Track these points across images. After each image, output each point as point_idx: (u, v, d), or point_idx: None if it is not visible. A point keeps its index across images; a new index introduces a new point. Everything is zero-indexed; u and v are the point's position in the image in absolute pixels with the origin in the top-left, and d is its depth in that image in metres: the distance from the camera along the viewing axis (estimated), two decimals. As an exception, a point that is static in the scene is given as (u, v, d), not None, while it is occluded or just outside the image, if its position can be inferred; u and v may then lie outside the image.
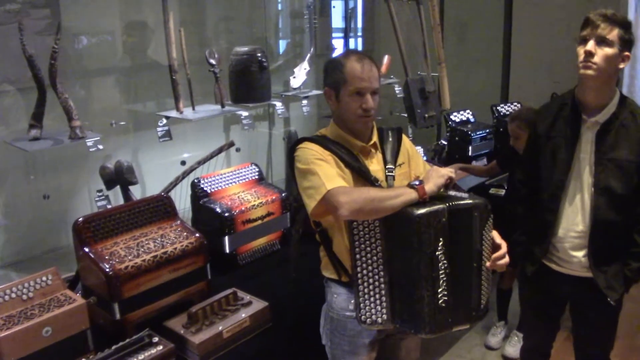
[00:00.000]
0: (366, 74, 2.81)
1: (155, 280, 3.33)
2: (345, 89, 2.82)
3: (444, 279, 2.59)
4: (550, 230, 3.35)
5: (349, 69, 2.81)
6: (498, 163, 5.15)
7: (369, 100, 2.82)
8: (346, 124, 2.92)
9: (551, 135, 3.29)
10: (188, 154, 5.01)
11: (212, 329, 3.24)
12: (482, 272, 2.74)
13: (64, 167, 4.47)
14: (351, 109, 2.84)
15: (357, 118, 2.85)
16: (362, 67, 2.81)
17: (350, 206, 2.58)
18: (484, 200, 2.72)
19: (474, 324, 2.84)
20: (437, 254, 2.57)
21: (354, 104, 2.82)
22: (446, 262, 2.59)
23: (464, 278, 2.69)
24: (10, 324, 2.78)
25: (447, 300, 2.61)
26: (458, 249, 2.65)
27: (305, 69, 5.40)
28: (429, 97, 5.86)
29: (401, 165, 3.05)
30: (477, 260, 2.71)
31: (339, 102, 2.88)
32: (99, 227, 3.33)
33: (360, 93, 2.81)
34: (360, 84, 2.80)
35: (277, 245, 4.46)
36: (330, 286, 3.04)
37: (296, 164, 2.87)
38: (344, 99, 2.84)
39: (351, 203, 2.58)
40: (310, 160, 2.78)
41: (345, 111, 2.86)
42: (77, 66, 4.51)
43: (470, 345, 5.19)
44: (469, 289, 2.71)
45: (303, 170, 2.80)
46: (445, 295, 2.60)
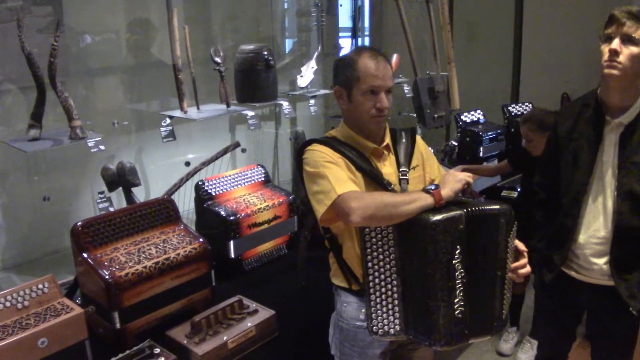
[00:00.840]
0: (380, 71, 2.68)
1: (157, 288, 3.23)
2: (358, 87, 2.69)
3: (460, 288, 2.48)
4: (570, 236, 3.23)
5: (362, 66, 2.68)
6: (510, 163, 5.04)
7: (383, 99, 2.69)
8: (358, 124, 2.79)
9: (572, 137, 3.17)
10: (192, 155, 4.95)
11: (217, 339, 3.14)
12: (505, 281, 2.62)
13: (65, 168, 4.42)
14: (364, 108, 2.70)
15: (371, 118, 2.72)
16: (376, 64, 2.68)
17: (362, 212, 2.45)
18: (508, 206, 2.61)
19: (495, 334, 2.72)
20: (454, 262, 2.46)
21: (367, 104, 2.69)
22: (463, 271, 2.47)
23: (487, 287, 2.58)
24: (4, 335, 2.68)
25: (464, 311, 2.49)
26: (481, 257, 2.53)
27: (313, 68, 5.31)
28: (438, 97, 5.78)
29: (415, 168, 2.93)
30: (502, 269, 2.60)
31: (351, 102, 2.74)
32: (98, 231, 3.23)
33: (374, 92, 2.68)
34: (375, 82, 2.67)
35: (284, 250, 4.38)
36: (339, 294, 2.93)
37: (305, 167, 2.74)
38: (357, 98, 2.71)
39: (363, 209, 2.45)
40: (320, 163, 2.66)
41: (358, 111, 2.73)
42: (79, 65, 4.46)
43: (481, 352, 5.12)
44: (492, 299, 2.60)
45: (312, 173, 2.67)
46: (462, 306, 2.49)
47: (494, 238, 2.54)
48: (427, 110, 5.69)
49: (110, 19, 4.66)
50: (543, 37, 6.86)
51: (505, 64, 7.27)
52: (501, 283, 2.60)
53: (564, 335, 3.63)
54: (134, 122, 4.88)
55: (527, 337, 4.94)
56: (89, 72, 4.55)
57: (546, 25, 6.81)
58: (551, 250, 3.34)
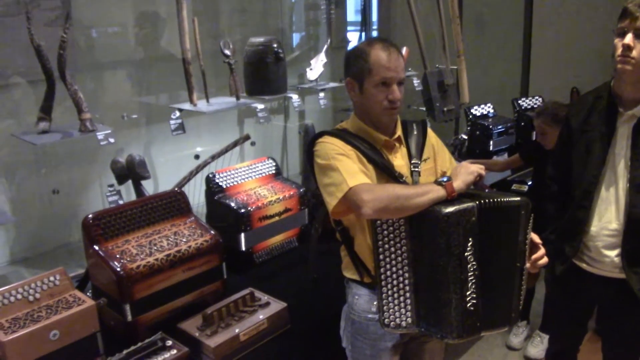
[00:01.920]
0: (393, 62, 2.66)
1: (168, 280, 3.22)
2: (370, 79, 2.67)
3: (473, 281, 2.46)
4: (581, 228, 3.22)
5: (374, 57, 2.65)
6: (521, 156, 5.02)
7: (395, 90, 2.67)
8: (370, 116, 2.77)
9: (585, 129, 3.16)
10: (201, 148, 4.93)
11: (228, 332, 3.12)
12: (523, 273, 2.62)
13: (74, 162, 4.40)
14: (377, 100, 2.68)
15: (383, 110, 2.70)
16: (388, 56, 2.66)
17: (374, 205, 2.44)
18: (527, 198, 2.59)
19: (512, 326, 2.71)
20: (467, 255, 2.44)
21: (379, 95, 2.67)
22: (475, 263, 2.45)
23: (504, 280, 2.57)
24: (16, 327, 2.67)
25: (476, 303, 2.47)
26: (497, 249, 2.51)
27: (322, 61, 5.29)
28: (448, 91, 5.76)
29: (426, 160, 2.92)
30: (521, 260, 2.59)
31: (363, 94, 2.72)
32: (109, 224, 3.22)
33: (387, 83, 2.66)
34: (387, 74, 2.64)
35: (295, 243, 4.35)
36: (351, 287, 2.92)
37: (315, 159, 2.73)
38: (369, 90, 2.69)
39: (375, 201, 2.44)
40: (331, 155, 2.64)
41: (370, 103, 2.71)
42: (88, 58, 4.44)
43: (491, 346, 5.11)
44: (511, 290, 2.59)
45: (323, 166, 2.66)
46: (474, 298, 2.47)
47: (514, 230, 2.53)
48: (436, 103, 5.67)
49: (119, 12, 4.65)
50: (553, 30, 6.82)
51: (515, 58, 7.24)
52: (520, 275, 2.59)
53: (575, 328, 3.62)
54: (143, 116, 4.86)
55: (537, 331, 4.93)
56: (98, 66, 4.54)
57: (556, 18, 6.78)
58: (563, 242, 3.33)
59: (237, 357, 3.11)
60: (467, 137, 6.07)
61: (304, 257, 3.72)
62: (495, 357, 4.96)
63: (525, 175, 5.40)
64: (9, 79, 4.00)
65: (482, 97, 6.45)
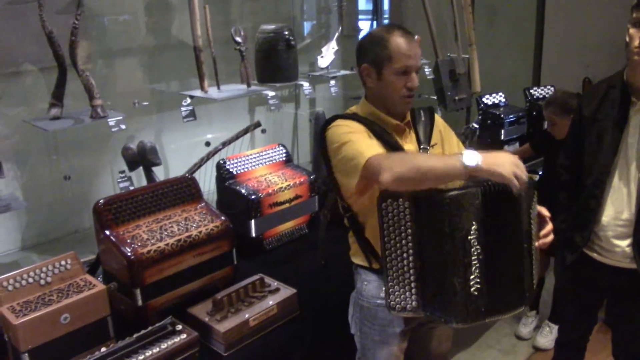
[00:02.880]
0: (413, 50, 2.65)
1: (178, 265, 3.22)
2: (389, 66, 2.65)
3: (477, 265, 2.44)
4: (592, 218, 3.21)
5: (395, 45, 2.64)
6: (532, 146, 5.00)
7: (414, 79, 2.68)
8: (385, 103, 2.76)
9: (597, 118, 3.14)
10: (212, 135, 4.93)
11: (238, 317, 3.12)
12: (532, 251, 2.60)
13: (86, 148, 4.42)
14: (396, 88, 2.68)
15: (401, 98, 2.70)
16: (408, 44, 2.65)
17: (392, 172, 2.37)
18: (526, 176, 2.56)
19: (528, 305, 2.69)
20: (470, 238, 2.42)
21: (399, 83, 2.66)
22: (480, 247, 2.43)
23: (513, 262, 2.55)
24: (27, 310, 2.68)
25: (480, 288, 2.45)
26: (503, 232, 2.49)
27: (334, 49, 5.29)
28: (459, 79, 5.73)
29: (434, 146, 2.91)
30: (528, 241, 2.57)
31: (381, 81, 2.71)
32: (120, 209, 3.22)
33: (407, 72, 2.65)
34: (408, 62, 2.64)
35: (305, 230, 4.35)
36: (360, 273, 2.93)
37: (328, 143, 2.71)
38: (388, 78, 2.67)
39: (394, 167, 2.38)
40: (344, 134, 2.63)
41: (388, 90, 2.70)
42: (99, 46, 4.44)
43: (500, 335, 5.11)
44: (520, 272, 2.57)
45: (337, 146, 2.64)
46: (478, 283, 2.45)
47: (516, 212, 2.50)
48: (447, 92, 5.65)
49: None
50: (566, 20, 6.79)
51: (527, 47, 7.21)
52: (529, 255, 2.57)
53: (584, 318, 3.61)
54: (154, 103, 4.87)
55: (546, 322, 4.92)
56: (109, 53, 4.54)
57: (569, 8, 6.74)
58: (573, 231, 3.32)
59: (247, 342, 3.11)
60: (478, 126, 6.05)
61: (314, 244, 3.71)
62: (504, 347, 4.95)
63: (537, 165, 5.38)
64: (20, 66, 4.01)
65: (493, 86, 6.42)
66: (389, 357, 2.93)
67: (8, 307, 2.71)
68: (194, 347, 2.87)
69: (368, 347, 2.97)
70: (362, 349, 3.03)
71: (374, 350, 2.94)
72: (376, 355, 2.95)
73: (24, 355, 2.63)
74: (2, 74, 3.96)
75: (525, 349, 4.93)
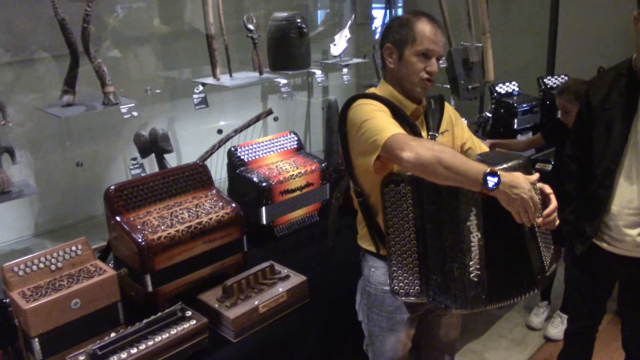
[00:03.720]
0: (437, 36, 2.69)
1: (189, 252, 3.22)
2: (412, 48, 2.68)
3: (476, 251, 2.44)
4: (602, 207, 3.20)
5: (420, 28, 2.67)
6: (543, 135, 4.98)
7: (434, 64, 2.69)
8: (403, 85, 2.77)
9: (606, 106, 3.13)
10: (224, 122, 4.94)
11: (248, 304, 3.12)
12: (536, 234, 2.59)
13: (98, 135, 4.43)
14: (416, 70, 2.69)
15: (419, 81, 2.71)
16: (432, 29, 2.68)
17: (418, 153, 2.34)
18: (521, 159, 2.56)
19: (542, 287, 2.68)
20: (469, 224, 2.42)
21: (419, 65, 2.68)
22: (479, 234, 2.43)
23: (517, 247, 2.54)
24: (38, 295, 2.70)
25: (481, 275, 2.45)
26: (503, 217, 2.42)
27: (346, 37, 5.29)
28: (473, 68, 5.72)
29: (444, 133, 2.93)
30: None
31: (401, 62, 2.73)
32: (131, 195, 3.23)
33: (428, 55, 2.67)
34: (430, 46, 2.66)
35: (316, 218, 4.35)
36: (367, 259, 2.94)
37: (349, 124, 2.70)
38: (409, 59, 2.69)
39: (421, 149, 2.34)
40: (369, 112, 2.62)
41: (408, 72, 2.71)
42: (112, 33, 4.44)
43: (512, 325, 5.11)
44: (526, 255, 2.56)
45: (360, 124, 2.61)
46: (478, 269, 2.45)
47: None
48: (461, 81, 5.64)
49: (143, -13, 4.66)
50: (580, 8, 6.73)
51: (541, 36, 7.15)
52: (533, 237, 2.56)
53: (594, 307, 3.60)
54: (167, 90, 4.87)
55: (557, 312, 4.92)
56: (122, 40, 4.55)
57: (583, -3, 6.72)
58: (583, 221, 3.31)
59: (256, 329, 3.12)
60: (491, 115, 6.03)
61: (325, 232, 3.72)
62: (515, 337, 4.96)
63: (550, 155, 5.35)
64: (34, 53, 4.02)
65: (507, 75, 6.40)
66: (396, 343, 2.94)
67: (19, 292, 2.72)
68: (204, 333, 2.89)
69: (376, 334, 2.98)
70: (369, 336, 3.04)
71: (382, 337, 2.96)
72: (384, 342, 2.96)
73: (34, 340, 2.64)
74: (15, 61, 3.97)
75: (537, 339, 4.93)
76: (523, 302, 5.24)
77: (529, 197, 2.31)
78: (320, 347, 3.38)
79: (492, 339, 4.93)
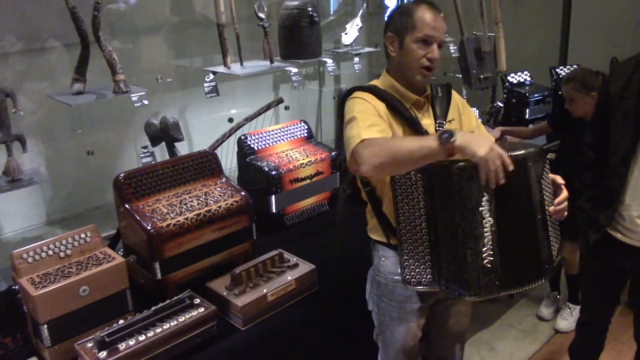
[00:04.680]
0: (437, 23, 2.68)
1: (198, 240, 3.23)
2: (412, 35, 2.67)
3: (489, 237, 2.42)
4: (616, 197, 3.18)
5: (420, 15, 2.67)
6: (550, 123, 4.96)
7: (435, 50, 2.68)
8: (404, 73, 2.76)
9: (624, 96, 3.10)
10: (235, 111, 4.94)
11: (256, 292, 3.13)
12: (547, 223, 2.58)
13: (109, 124, 4.43)
14: (416, 56, 2.68)
15: (420, 69, 2.70)
16: (433, 16, 2.67)
17: (371, 161, 2.37)
18: (536, 147, 2.55)
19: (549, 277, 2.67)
20: (481, 210, 2.40)
21: (419, 52, 2.68)
22: (492, 219, 2.41)
23: (527, 235, 2.53)
24: (47, 282, 2.71)
25: (494, 261, 2.43)
26: (514, 204, 2.46)
27: (358, 26, 5.27)
28: (485, 58, 5.68)
29: (451, 122, 2.92)
30: (541, 212, 2.54)
31: (402, 49, 2.72)
32: (140, 183, 3.24)
33: (428, 41, 2.67)
34: (430, 32, 2.66)
35: (326, 206, 4.35)
36: (377, 249, 2.94)
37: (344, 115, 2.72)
38: (409, 46, 2.69)
39: (372, 157, 2.37)
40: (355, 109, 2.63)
41: (409, 59, 2.71)
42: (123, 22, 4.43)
43: (522, 315, 5.11)
44: (536, 243, 2.55)
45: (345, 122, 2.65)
46: (491, 255, 2.43)
47: (524, 183, 2.48)
48: (473, 71, 5.61)
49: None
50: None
51: (554, 25, 7.12)
52: (543, 226, 2.55)
53: (607, 299, 3.58)
54: (177, 79, 4.87)
55: (567, 303, 4.91)
56: (132, 29, 4.54)
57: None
58: (597, 211, 3.29)
59: (264, 317, 3.12)
60: (503, 105, 6.01)
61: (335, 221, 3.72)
62: (525, 327, 4.96)
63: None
64: (45, 42, 4.02)
65: (519, 65, 6.37)
66: (406, 333, 2.94)
67: (27, 279, 2.74)
68: (212, 321, 2.90)
69: (386, 323, 2.98)
70: (379, 326, 3.04)
71: (392, 326, 2.96)
72: (394, 331, 2.96)
73: (43, 327, 2.65)
74: (27, 50, 3.97)
75: (547, 329, 4.92)
76: (533, 292, 5.23)
77: (494, 147, 2.27)
78: (328, 336, 3.38)
79: (502, 329, 4.93)
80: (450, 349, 3.25)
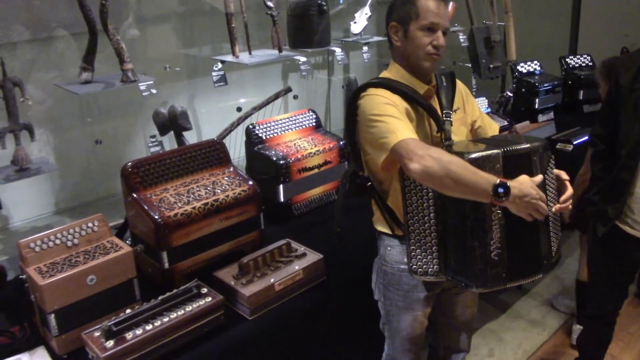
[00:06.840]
0: (440, 10, 2.66)
1: (205, 229, 3.23)
2: (416, 23, 2.66)
3: (497, 229, 2.42)
4: (626, 189, 3.16)
5: (423, 3, 2.65)
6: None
7: (440, 37, 2.67)
8: (411, 62, 2.75)
9: (635, 87, 3.08)
10: (244, 100, 4.93)
11: (264, 281, 3.12)
12: (549, 219, 2.58)
13: (117, 113, 4.43)
14: (421, 44, 2.67)
15: (426, 55, 2.69)
16: (436, 2, 2.66)
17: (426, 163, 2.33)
18: (541, 141, 2.55)
19: (547, 273, 2.67)
20: None
21: (424, 39, 2.66)
22: (500, 212, 2.41)
23: (530, 228, 2.50)
24: (54, 271, 2.71)
25: (501, 253, 2.44)
26: None
27: (367, 14, 5.25)
28: (495, 47, 5.67)
29: (457, 111, 2.91)
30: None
31: (407, 38, 2.71)
32: (148, 172, 3.24)
33: (432, 29, 2.65)
34: (435, 19, 2.64)
35: (334, 196, 4.32)
36: (383, 239, 2.93)
37: (360, 115, 2.71)
38: (414, 34, 2.67)
39: (427, 159, 2.34)
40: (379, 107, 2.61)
41: (413, 47, 2.70)
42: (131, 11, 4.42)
43: (530, 306, 5.15)
44: (537, 238, 2.54)
45: (371, 119, 2.62)
46: (498, 248, 2.43)
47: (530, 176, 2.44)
48: (482, 60, 5.59)
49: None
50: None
51: (564, 15, 7.10)
52: (544, 221, 2.54)
53: (615, 291, 3.57)
54: (186, 68, 4.87)
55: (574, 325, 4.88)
56: (141, 18, 4.53)
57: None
58: (606, 203, 3.28)
59: (272, 306, 3.12)
60: (512, 94, 5.99)
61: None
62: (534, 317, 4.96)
63: (570, 135, 5.32)
64: (53, 31, 4.02)
65: (529, 54, 6.35)
66: (413, 322, 2.94)
67: (35, 268, 2.74)
68: (219, 310, 2.89)
69: (392, 312, 2.98)
70: (386, 315, 3.04)
71: (398, 315, 2.96)
72: (400, 320, 2.96)
73: (50, 316, 2.65)
74: (35, 39, 3.97)
75: (555, 320, 4.91)
76: (541, 283, 5.22)
77: (538, 200, 2.32)
78: (335, 326, 3.37)
79: (510, 320, 4.92)
80: (456, 338, 3.27)
